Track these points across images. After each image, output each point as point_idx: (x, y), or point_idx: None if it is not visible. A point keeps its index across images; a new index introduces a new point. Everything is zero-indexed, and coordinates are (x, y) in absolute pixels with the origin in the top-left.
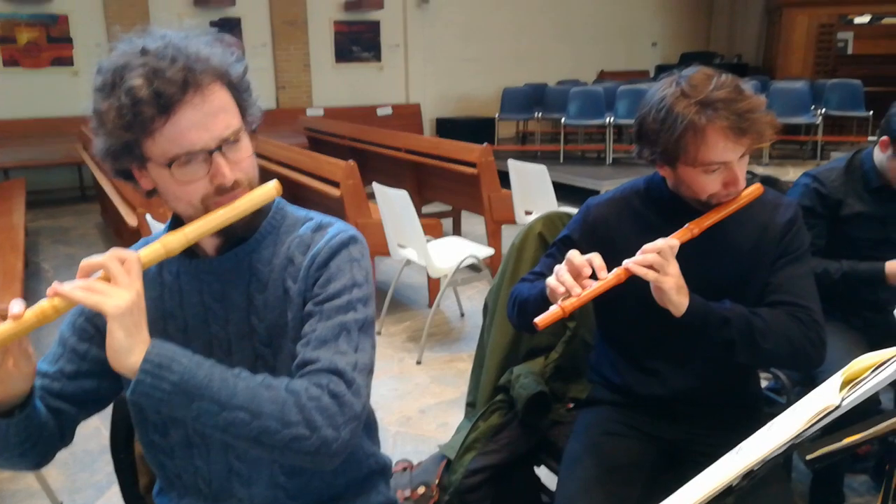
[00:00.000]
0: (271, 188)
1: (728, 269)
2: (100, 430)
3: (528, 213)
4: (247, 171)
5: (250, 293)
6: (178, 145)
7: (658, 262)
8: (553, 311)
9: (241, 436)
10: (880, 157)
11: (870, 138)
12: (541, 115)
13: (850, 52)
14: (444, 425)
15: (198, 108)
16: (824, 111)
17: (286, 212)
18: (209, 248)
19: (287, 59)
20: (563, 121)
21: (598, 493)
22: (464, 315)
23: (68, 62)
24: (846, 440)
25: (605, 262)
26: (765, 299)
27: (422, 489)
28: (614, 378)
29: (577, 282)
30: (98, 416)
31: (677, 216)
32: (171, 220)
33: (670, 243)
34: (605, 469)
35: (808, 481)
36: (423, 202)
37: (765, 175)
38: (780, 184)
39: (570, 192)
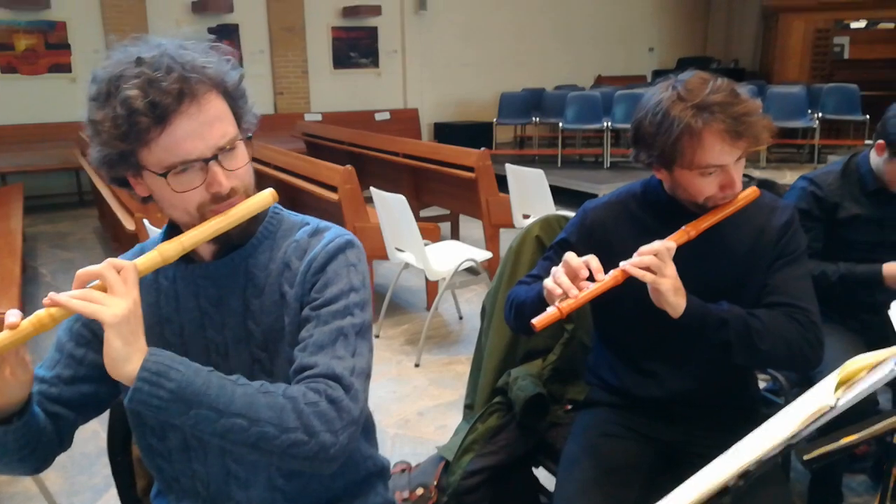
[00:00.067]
0: (267, 196)
1: (725, 271)
2: (98, 434)
3: (526, 216)
4: (243, 178)
5: (247, 298)
6: (174, 155)
7: (655, 264)
8: (550, 313)
9: (240, 442)
10: (876, 160)
11: (866, 142)
12: (538, 119)
13: (846, 56)
14: (442, 427)
15: (193, 117)
16: (821, 115)
17: (282, 217)
18: (205, 253)
19: (285, 65)
20: (561, 125)
21: (596, 495)
22: (462, 318)
23: (66, 69)
24: (844, 440)
25: (603, 266)
26: (762, 301)
27: (420, 490)
28: (612, 380)
29: (574, 283)
30: (96, 420)
31: (674, 219)
32: (166, 226)
33: (667, 245)
34: (602, 470)
35: (806, 481)
36: (421, 206)
37: (762, 178)
38: (777, 187)
39: (567, 196)
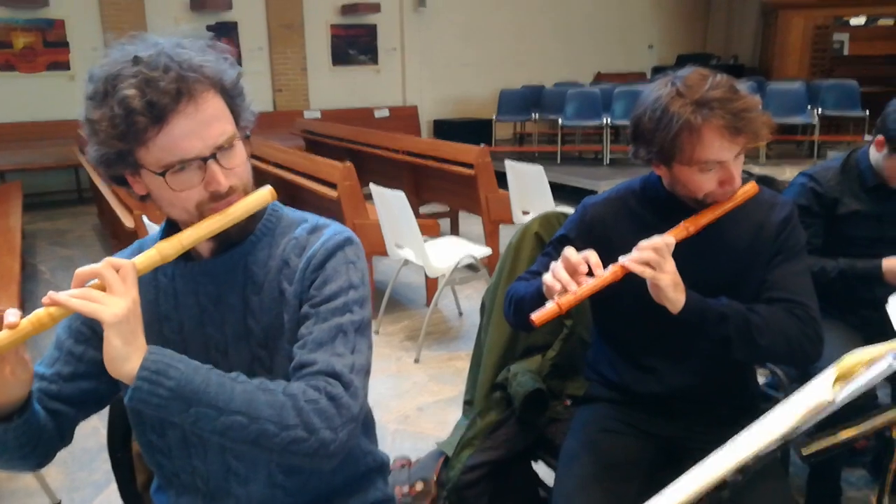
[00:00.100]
0: (266, 193)
1: (724, 267)
2: (98, 429)
3: (526, 213)
4: (241, 176)
5: (246, 295)
6: (171, 154)
7: (654, 260)
8: (549, 308)
9: (240, 439)
10: (876, 156)
11: (866, 138)
12: (538, 116)
13: (845, 53)
14: (442, 423)
15: (191, 117)
16: (821, 111)
17: (281, 214)
18: (204, 250)
19: (284, 62)
20: (560, 122)
21: (596, 490)
22: (461, 314)
23: (65, 66)
24: (843, 435)
25: (602, 262)
26: (761, 296)
27: (420, 485)
28: (611, 375)
29: (573, 279)
30: (96, 416)
31: (673, 215)
32: (164, 223)
33: (666, 240)
34: (602, 466)
35: (805, 476)
36: (420, 203)
37: (762, 174)
38: (776, 183)
39: (567, 193)
